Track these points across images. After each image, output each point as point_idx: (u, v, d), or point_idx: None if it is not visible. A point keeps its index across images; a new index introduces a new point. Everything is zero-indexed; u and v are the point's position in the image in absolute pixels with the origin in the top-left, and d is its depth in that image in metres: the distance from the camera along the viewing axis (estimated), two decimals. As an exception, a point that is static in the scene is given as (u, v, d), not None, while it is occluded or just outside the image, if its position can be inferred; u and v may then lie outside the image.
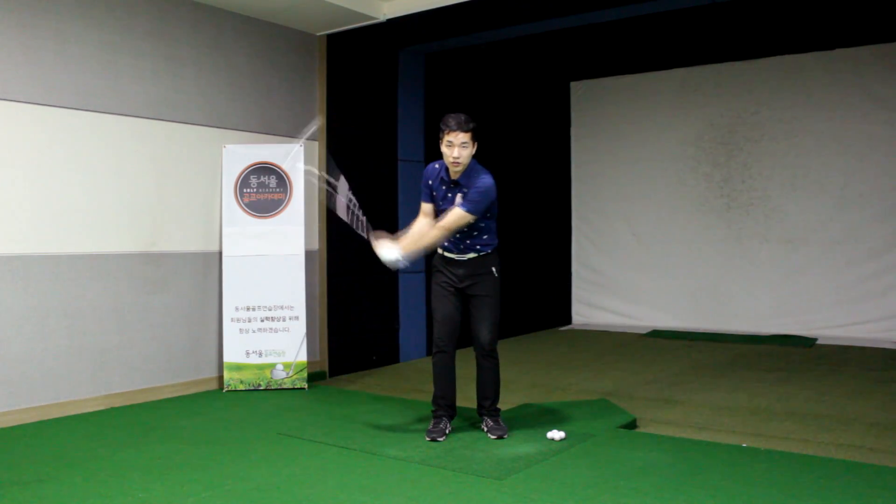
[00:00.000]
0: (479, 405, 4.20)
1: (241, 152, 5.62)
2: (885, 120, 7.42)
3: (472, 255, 4.02)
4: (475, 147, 3.96)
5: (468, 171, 3.98)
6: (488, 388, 4.17)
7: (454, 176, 3.99)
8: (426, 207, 4.10)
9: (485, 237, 4.06)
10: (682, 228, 8.53)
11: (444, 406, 4.11)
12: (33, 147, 4.60)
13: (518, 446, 3.90)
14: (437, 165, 4.11)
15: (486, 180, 3.93)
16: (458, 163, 3.91)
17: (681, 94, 8.52)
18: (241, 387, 5.46)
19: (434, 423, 4.10)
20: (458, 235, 4.00)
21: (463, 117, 3.90)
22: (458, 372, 4.20)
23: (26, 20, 4.56)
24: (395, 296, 6.68)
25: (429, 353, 5.88)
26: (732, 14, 6.71)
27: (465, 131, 3.87)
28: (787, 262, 7.92)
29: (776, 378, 5.68)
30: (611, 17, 5.94)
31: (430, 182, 4.08)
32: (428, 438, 3.99)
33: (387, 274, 6.58)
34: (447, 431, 4.06)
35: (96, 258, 4.90)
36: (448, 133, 3.89)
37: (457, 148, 3.88)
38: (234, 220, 5.56)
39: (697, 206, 8.45)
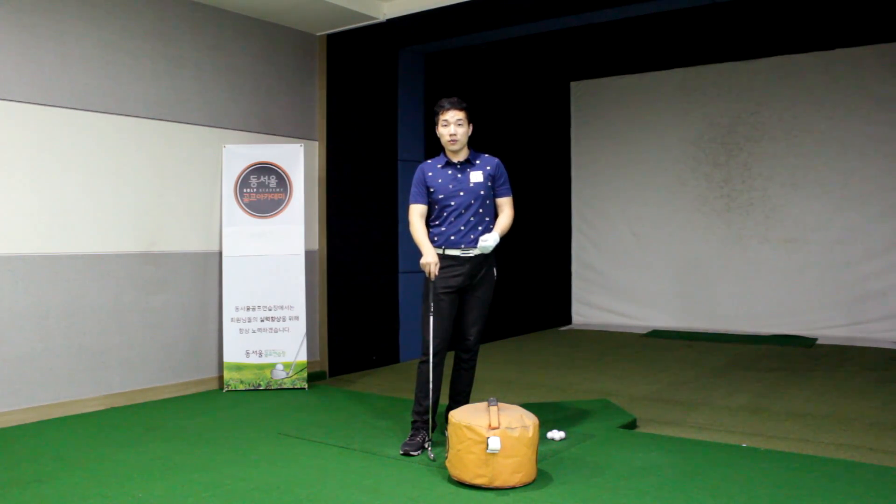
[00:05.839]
0: (455, 402, 4.16)
1: (241, 152, 5.62)
2: (886, 120, 7.42)
3: (477, 250, 3.98)
4: (471, 128, 4.00)
5: (472, 152, 4.05)
6: (466, 386, 4.18)
7: (458, 157, 4.00)
8: (420, 209, 4.03)
9: (491, 228, 4.03)
10: (682, 228, 8.54)
11: (426, 420, 3.94)
12: (33, 147, 4.61)
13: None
14: (429, 162, 4.11)
15: (497, 159, 4.10)
16: (455, 140, 3.93)
17: (681, 94, 8.52)
18: (241, 387, 5.46)
19: (411, 436, 3.92)
20: (466, 227, 3.96)
21: (455, 98, 3.99)
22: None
23: (26, 20, 4.56)
24: (395, 296, 6.68)
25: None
26: (732, 14, 6.71)
27: (459, 109, 3.94)
28: (787, 262, 7.92)
29: (776, 378, 5.68)
30: (611, 17, 5.94)
31: (430, 175, 4.03)
32: (401, 452, 3.80)
33: (387, 274, 6.60)
34: (425, 446, 3.86)
35: (96, 258, 4.90)
36: (443, 113, 3.95)
37: (452, 125, 3.92)
38: (234, 220, 5.56)
39: (697, 206, 8.45)
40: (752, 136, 8.11)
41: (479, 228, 3.97)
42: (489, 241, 3.90)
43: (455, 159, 4.01)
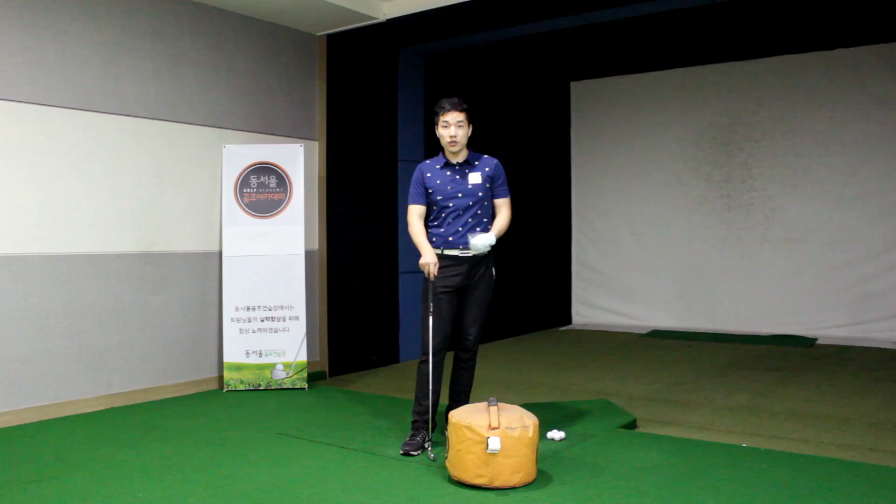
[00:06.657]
0: (454, 402, 4.16)
1: (241, 152, 5.62)
2: (885, 120, 7.42)
3: (470, 251, 3.97)
4: (471, 129, 3.99)
5: (471, 153, 4.03)
6: (466, 386, 4.18)
7: (458, 158, 3.99)
8: (419, 209, 4.02)
9: (490, 229, 4.02)
10: (683, 228, 8.54)
11: (426, 420, 3.93)
12: (33, 147, 4.60)
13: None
14: (428, 162, 4.11)
15: (496, 160, 4.08)
16: (455, 142, 3.92)
17: (681, 94, 8.52)
18: (241, 387, 5.46)
19: (411, 436, 3.91)
20: (464, 228, 3.95)
21: (456, 99, 3.96)
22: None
23: (26, 20, 4.56)
24: (395, 296, 6.68)
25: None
26: (732, 14, 6.71)
27: (460, 111, 3.92)
28: (787, 262, 7.92)
29: (776, 378, 5.68)
30: (611, 17, 5.94)
31: (428, 175, 4.02)
32: (401, 452, 3.80)
33: (387, 274, 6.60)
34: (425, 446, 3.86)
35: (96, 258, 4.90)
36: (443, 114, 3.93)
37: (453, 127, 3.90)
38: (234, 220, 5.56)
39: (697, 206, 8.45)
40: (752, 136, 8.11)
41: (478, 230, 3.97)
42: (478, 241, 3.86)
43: (454, 160, 4.01)
